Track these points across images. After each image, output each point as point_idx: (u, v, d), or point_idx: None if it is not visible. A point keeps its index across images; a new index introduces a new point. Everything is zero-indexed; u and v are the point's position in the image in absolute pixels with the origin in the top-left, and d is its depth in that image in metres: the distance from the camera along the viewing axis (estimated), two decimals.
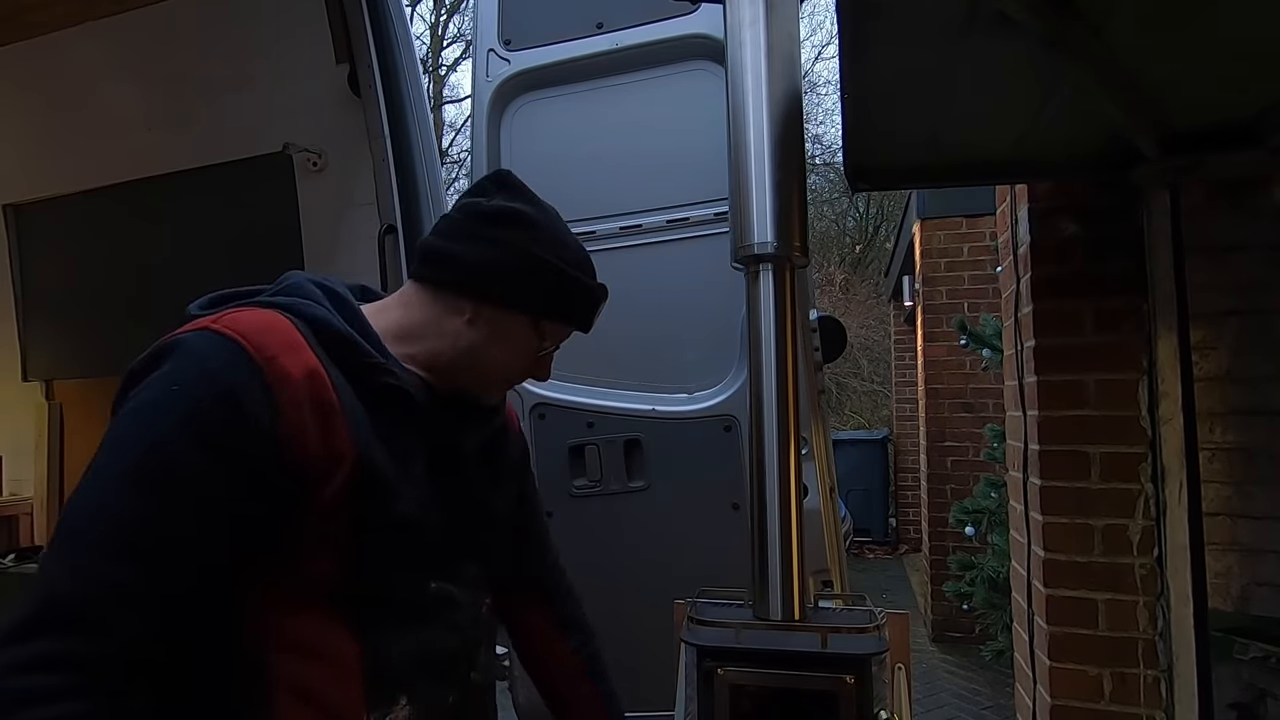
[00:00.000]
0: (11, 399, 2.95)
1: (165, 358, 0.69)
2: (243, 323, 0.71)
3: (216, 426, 0.66)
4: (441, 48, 13.59)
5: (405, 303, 0.86)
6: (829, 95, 14.11)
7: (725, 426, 1.94)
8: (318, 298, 0.78)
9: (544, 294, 0.85)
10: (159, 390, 0.67)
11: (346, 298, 0.81)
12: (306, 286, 0.80)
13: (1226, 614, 1.67)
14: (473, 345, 0.84)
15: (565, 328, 0.90)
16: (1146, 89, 1.31)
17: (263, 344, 0.69)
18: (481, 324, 0.84)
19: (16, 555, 2.77)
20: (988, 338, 3.72)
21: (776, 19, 1.32)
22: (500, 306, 0.84)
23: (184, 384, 0.66)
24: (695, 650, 1.14)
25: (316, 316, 0.75)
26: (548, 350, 0.90)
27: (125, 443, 0.65)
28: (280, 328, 0.72)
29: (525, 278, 0.84)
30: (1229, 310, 1.71)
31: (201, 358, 0.68)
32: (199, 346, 0.68)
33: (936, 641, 4.72)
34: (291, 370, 0.70)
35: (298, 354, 0.71)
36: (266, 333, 0.71)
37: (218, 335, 0.69)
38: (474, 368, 0.85)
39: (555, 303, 0.87)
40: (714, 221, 1.96)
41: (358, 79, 2.13)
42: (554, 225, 0.88)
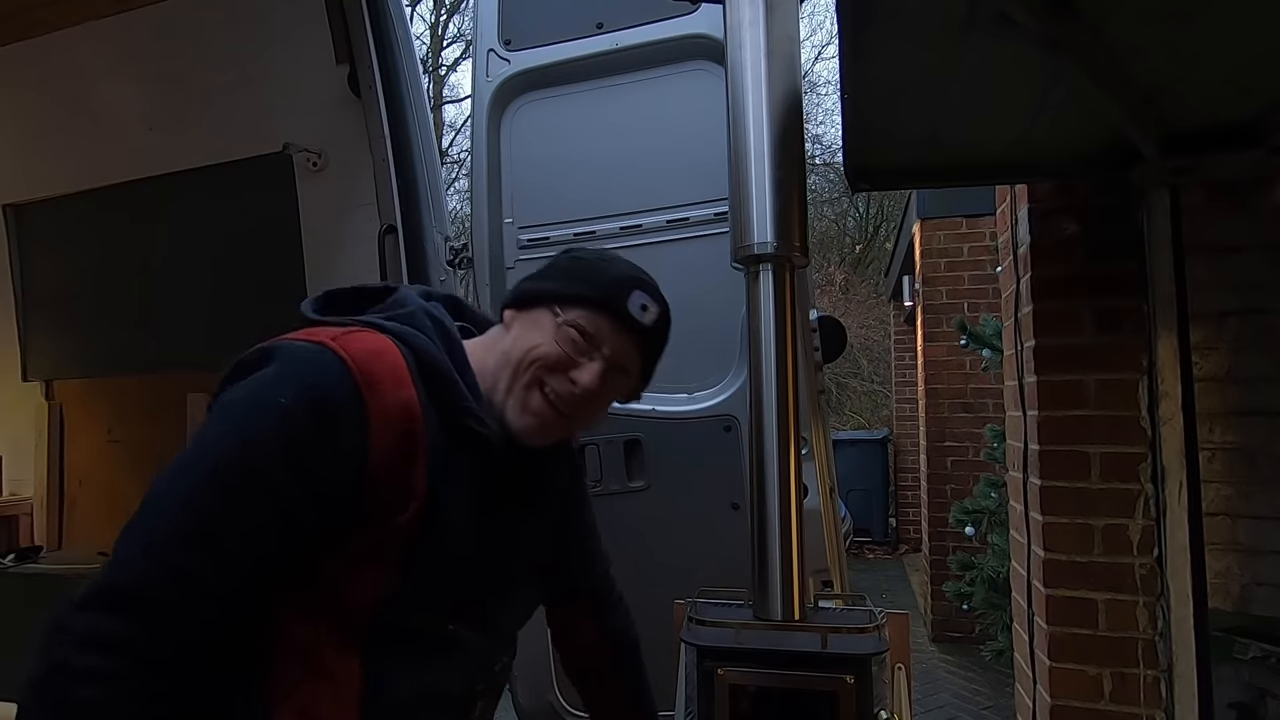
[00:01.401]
0: (11, 399, 2.95)
1: (275, 360, 0.71)
2: (356, 346, 0.73)
3: (308, 443, 0.68)
4: (441, 48, 13.59)
5: (484, 343, 0.90)
6: (829, 95, 14.12)
7: (725, 426, 1.94)
8: (428, 330, 0.81)
9: (562, 279, 0.87)
10: (263, 393, 0.69)
11: (454, 335, 0.84)
12: (419, 316, 0.82)
13: (1226, 614, 1.67)
14: (506, 348, 0.85)
15: (590, 314, 0.85)
16: (1146, 89, 1.31)
17: (371, 375, 0.72)
18: (515, 326, 0.87)
19: (16, 555, 2.77)
20: (988, 338, 3.72)
21: (776, 19, 1.32)
22: (529, 305, 0.87)
23: (288, 394, 0.69)
24: (695, 650, 1.14)
25: (424, 350, 0.78)
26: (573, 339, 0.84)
27: (219, 438, 0.68)
28: (390, 358, 0.75)
29: (549, 273, 0.89)
30: (1229, 310, 1.71)
31: (310, 372, 0.70)
32: (311, 360, 0.71)
33: (936, 641, 4.72)
34: (391, 403, 0.72)
35: (400, 389, 0.74)
36: (376, 362, 0.73)
37: (330, 353, 0.71)
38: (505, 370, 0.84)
39: (572, 282, 0.87)
40: (714, 221, 1.96)
41: (358, 79, 2.13)
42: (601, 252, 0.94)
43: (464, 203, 11.75)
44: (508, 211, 2.20)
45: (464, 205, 11.54)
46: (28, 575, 2.67)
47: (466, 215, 2.81)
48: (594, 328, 0.85)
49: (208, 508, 0.65)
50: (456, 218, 9.02)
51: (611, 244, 2.06)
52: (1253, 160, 1.48)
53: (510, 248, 2.19)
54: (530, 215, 2.18)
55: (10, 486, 2.99)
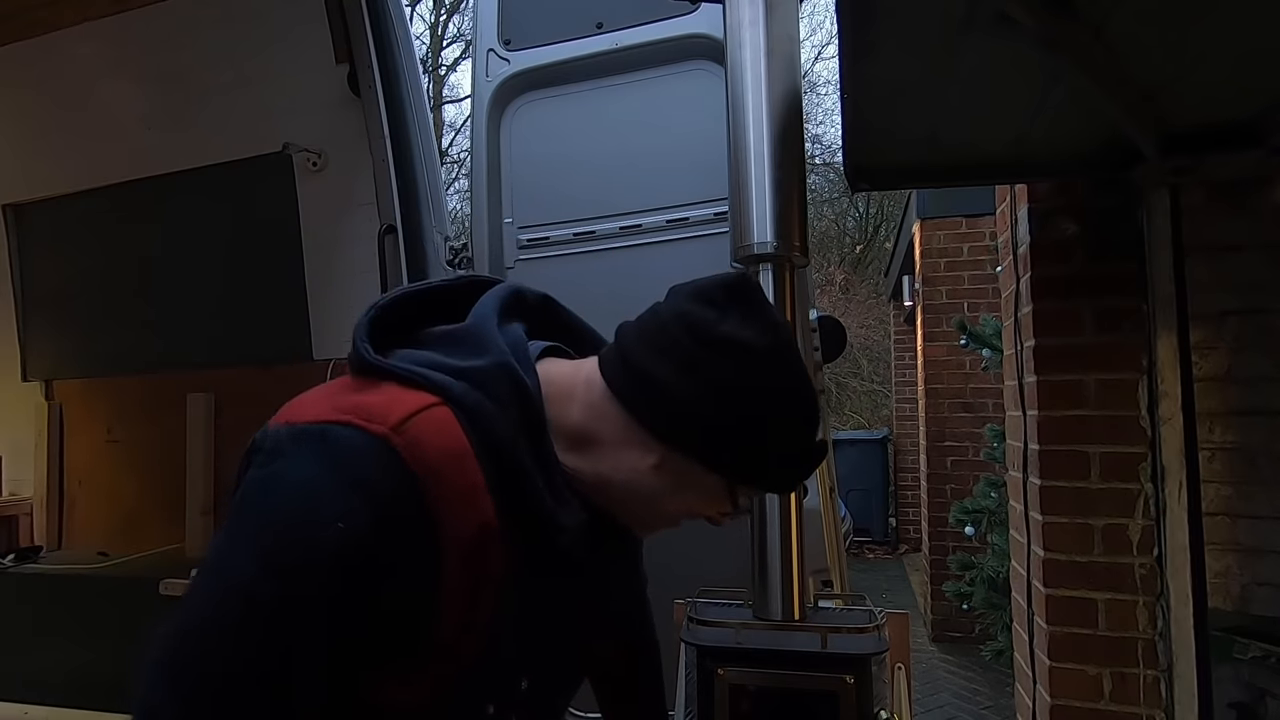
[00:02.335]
0: (11, 399, 2.95)
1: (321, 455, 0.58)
2: (429, 443, 0.60)
3: (373, 584, 0.57)
4: (441, 48, 13.59)
5: (590, 405, 0.70)
6: (829, 95, 14.11)
7: None
8: (506, 404, 0.65)
9: (752, 459, 0.69)
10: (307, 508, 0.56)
11: (536, 407, 0.67)
12: (500, 383, 0.65)
13: (1226, 614, 1.67)
14: (651, 492, 0.70)
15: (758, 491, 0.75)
16: (1146, 89, 1.31)
17: (446, 487, 0.60)
18: (668, 473, 0.69)
19: (16, 555, 2.77)
20: (988, 338, 3.72)
21: (776, 19, 1.32)
22: (695, 461, 0.68)
23: (344, 515, 0.56)
24: (695, 650, 1.14)
25: (502, 443, 0.64)
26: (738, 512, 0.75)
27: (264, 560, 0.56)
28: (463, 456, 0.62)
29: (734, 437, 0.67)
30: (1229, 310, 1.71)
31: (377, 491, 0.57)
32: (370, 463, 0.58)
33: (936, 641, 4.72)
34: (465, 527, 0.61)
35: (475, 503, 0.62)
36: (451, 467, 0.60)
37: (395, 456, 0.58)
38: (644, 513, 0.73)
39: (762, 471, 0.71)
40: (714, 221, 1.96)
41: (358, 79, 2.13)
42: (787, 364, 0.69)
43: (464, 203, 11.74)
44: (508, 211, 2.20)
45: (464, 205, 11.54)
46: (28, 575, 2.67)
47: (466, 215, 2.82)
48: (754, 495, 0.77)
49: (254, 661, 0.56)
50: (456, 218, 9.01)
51: (611, 244, 2.06)
52: (1253, 160, 1.48)
53: (510, 247, 2.19)
54: (530, 215, 2.18)
55: (10, 486, 2.99)
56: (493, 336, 0.68)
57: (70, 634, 2.49)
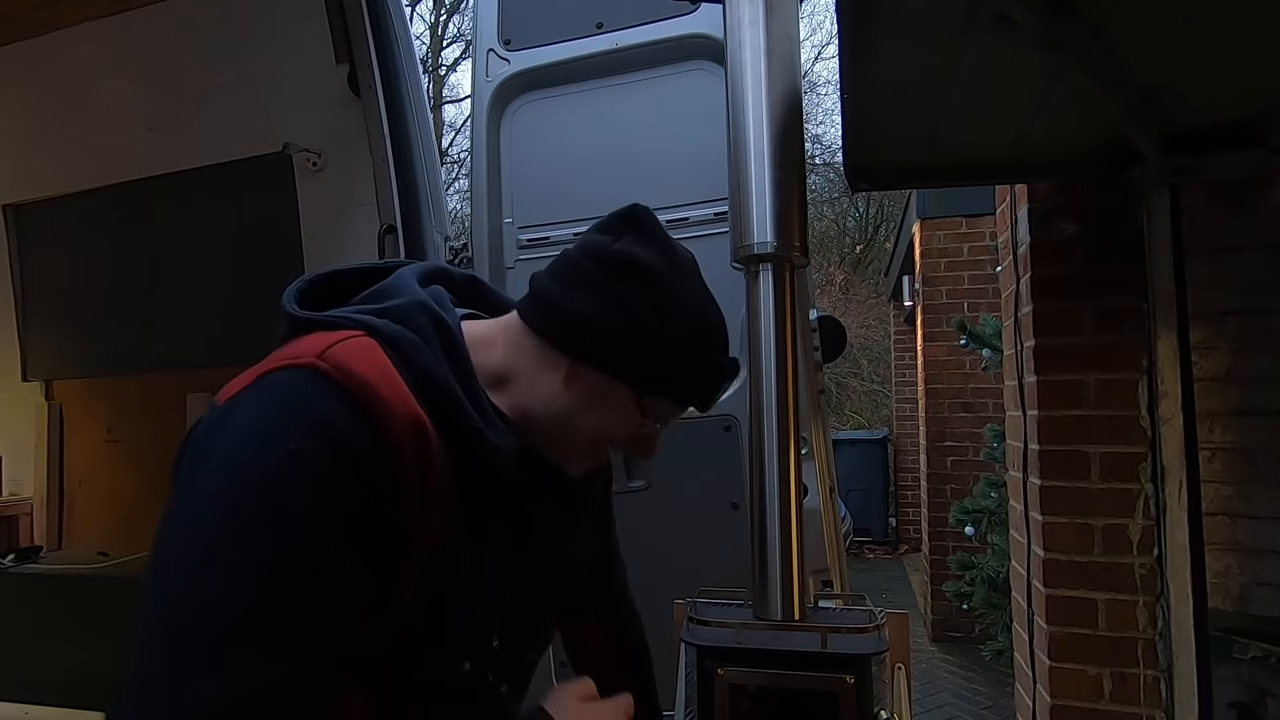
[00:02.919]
0: (11, 399, 2.94)
1: (258, 399, 0.60)
2: (354, 361, 0.61)
3: (343, 492, 0.57)
4: (441, 48, 13.59)
5: (509, 342, 0.75)
6: (829, 95, 14.11)
7: (725, 426, 1.94)
8: (427, 334, 0.68)
9: (655, 366, 0.72)
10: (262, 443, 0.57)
11: (455, 337, 0.70)
12: (416, 314, 0.68)
13: (1226, 614, 1.67)
14: (565, 410, 0.73)
15: (678, 406, 0.77)
16: (1146, 89, 1.31)
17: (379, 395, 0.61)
18: (578, 387, 0.72)
19: (16, 555, 2.77)
20: (988, 338, 3.73)
21: (776, 19, 1.32)
22: (601, 371, 0.72)
23: (293, 438, 0.57)
24: (695, 650, 1.14)
25: (422, 365, 0.65)
26: (651, 428, 0.77)
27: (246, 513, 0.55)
28: (388, 373, 0.63)
29: (634, 344, 0.71)
30: (1229, 310, 1.71)
31: (310, 403, 0.59)
32: (304, 387, 0.59)
33: (936, 641, 4.72)
34: (401, 427, 0.61)
35: (407, 408, 0.62)
36: (381, 378, 0.62)
37: (324, 377, 0.60)
38: (563, 435, 0.74)
39: (667, 378, 0.74)
40: (714, 221, 1.96)
41: (358, 79, 2.13)
42: (683, 280, 0.75)
43: (464, 203, 11.74)
44: (508, 211, 2.20)
45: (464, 205, 11.54)
46: (28, 575, 2.67)
47: (466, 215, 2.81)
48: (676, 413, 0.78)
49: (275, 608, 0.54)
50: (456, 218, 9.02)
51: None
52: (1253, 160, 1.48)
53: (510, 247, 2.19)
54: (530, 215, 2.18)
55: (10, 486, 2.99)
56: (410, 284, 0.72)
57: (70, 634, 2.48)
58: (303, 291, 0.73)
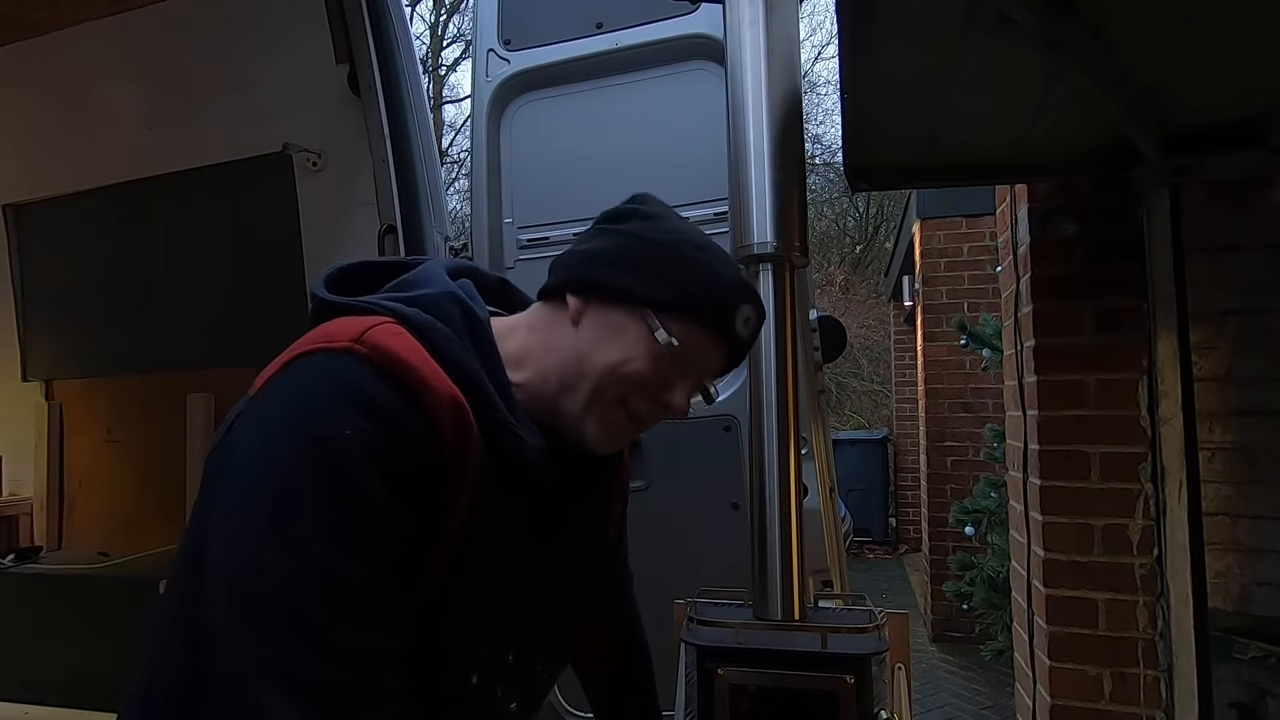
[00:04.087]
0: (11, 399, 2.94)
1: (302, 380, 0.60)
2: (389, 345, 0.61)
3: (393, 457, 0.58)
4: (441, 48, 13.59)
5: (529, 325, 0.75)
6: (829, 95, 14.12)
7: (725, 426, 1.94)
8: (455, 324, 0.67)
9: (658, 277, 0.70)
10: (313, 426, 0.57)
11: (483, 328, 0.69)
12: (445, 304, 0.68)
13: (1226, 614, 1.67)
14: (579, 352, 0.70)
15: (693, 327, 0.71)
16: (1146, 88, 1.31)
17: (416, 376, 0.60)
18: (589, 323, 0.70)
19: (16, 555, 2.77)
20: (988, 338, 3.72)
21: (776, 19, 1.32)
22: (608, 298, 0.70)
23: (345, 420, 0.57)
24: (695, 650, 1.14)
25: (451, 356, 0.64)
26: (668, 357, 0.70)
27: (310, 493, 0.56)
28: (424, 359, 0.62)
29: (635, 260, 0.70)
30: (1229, 310, 1.71)
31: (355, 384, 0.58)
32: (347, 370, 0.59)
33: (936, 641, 4.72)
34: (441, 406, 0.61)
35: (443, 386, 0.62)
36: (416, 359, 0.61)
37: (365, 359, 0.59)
38: (580, 385, 0.70)
39: (676, 287, 0.70)
40: (714, 221, 1.96)
41: (358, 79, 2.12)
42: (681, 220, 0.76)
43: (464, 203, 11.74)
44: (508, 211, 2.20)
45: (464, 205, 11.54)
46: (28, 575, 2.67)
47: (466, 215, 2.81)
48: (694, 344, 0.71)
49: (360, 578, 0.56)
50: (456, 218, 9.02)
51: None
52: (1253, 160, 1.48)
53: (510, 248, 2.19)
54: (530, 215, 2.17)
55: (10, 486, 2.99)
56: (440, 275, 0.72)
57: (70, 634, 2.48)
58: (333, 278, 0.73)
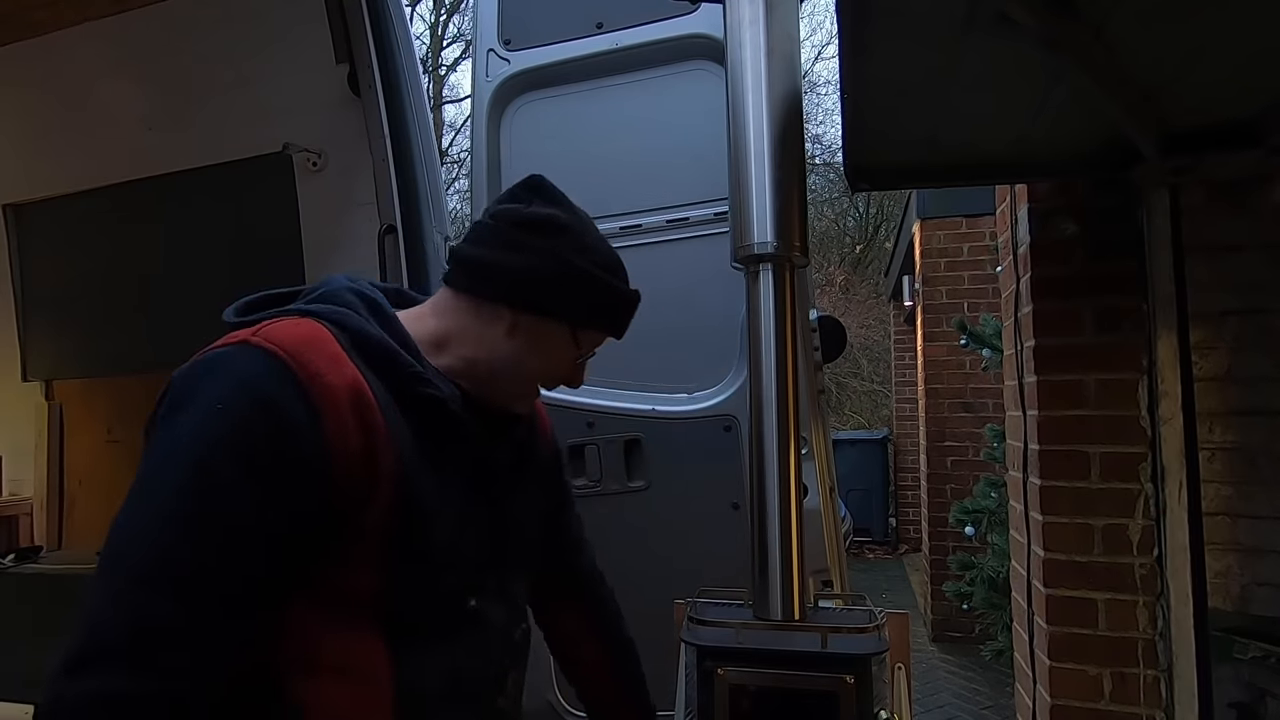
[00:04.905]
0: (11, 399, 2.95)
1: (205, 373, 0.66)
2: (283, 335, 0.68)
3: (261, 448, 0.63)
4: (441, 48, 13.59)
5: (441, 310, 0.85)
6: (829, 95, 14.12)
7: (725, 426, 1.94)
8: (355, 306, 0.77)
9: (582, 302, 0.84)
10: (200, 408, 0.64)
11: (383, 305, 0.80)
12: (343, 294, 0.78)
13: (1226, 614, 1.67)
14: (513, 355, 0.83)
15: (601, 335, 0.90)
16: (1146, 88, 1.31)
17: (305, 359, 0.67)
18: (521, 334, 0.83)
19: (16, 555, 2.77)
20: (988, 338, 3.72)
21: (776, 19, 1.32)
22: (540, 315, 0.83)
23: (226, 402, 0.63)
24: (695, 650, 1.14)
25: (355, 327, 0.74)
26: (584, 357, 0.91)
27: (167, 466, 0.62)
28: (321, 339, 0.70)
29: (564, 286, 0.83)
30: (1229, 310, 1.71)
31: (243, 374, 0.65)
32: (240, 362, 0.66)
33: (936, 641, 4.72)
34: (335, 385, 0.67)
35: (340, 368, 0.69)
36: (308, 346, 0.68)
37: (258, 349, 0.66)
38: (513, 377, 0.85)
39: (593, 311, 0.86)
40: (714, 221, 1.96)
41: (358, 79, 2.13)
42: (587, 230, 0.88)
43: (464, 203, 11.75)
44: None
45: (464, 205, 11.55)
46: (28, 575, 2.67)
47: (466, 215, 2.81)
48: (599, 342, 0.90)
49: (175, 546, 0.60)
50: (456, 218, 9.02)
51: (612, 244, 2.05)
52: (1253, 160, 1.48)
53: None
54: None
55: (10, 486, 2.99)
56: (336, 279, 0.82)
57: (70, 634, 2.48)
58: (239, 309, 0.82)
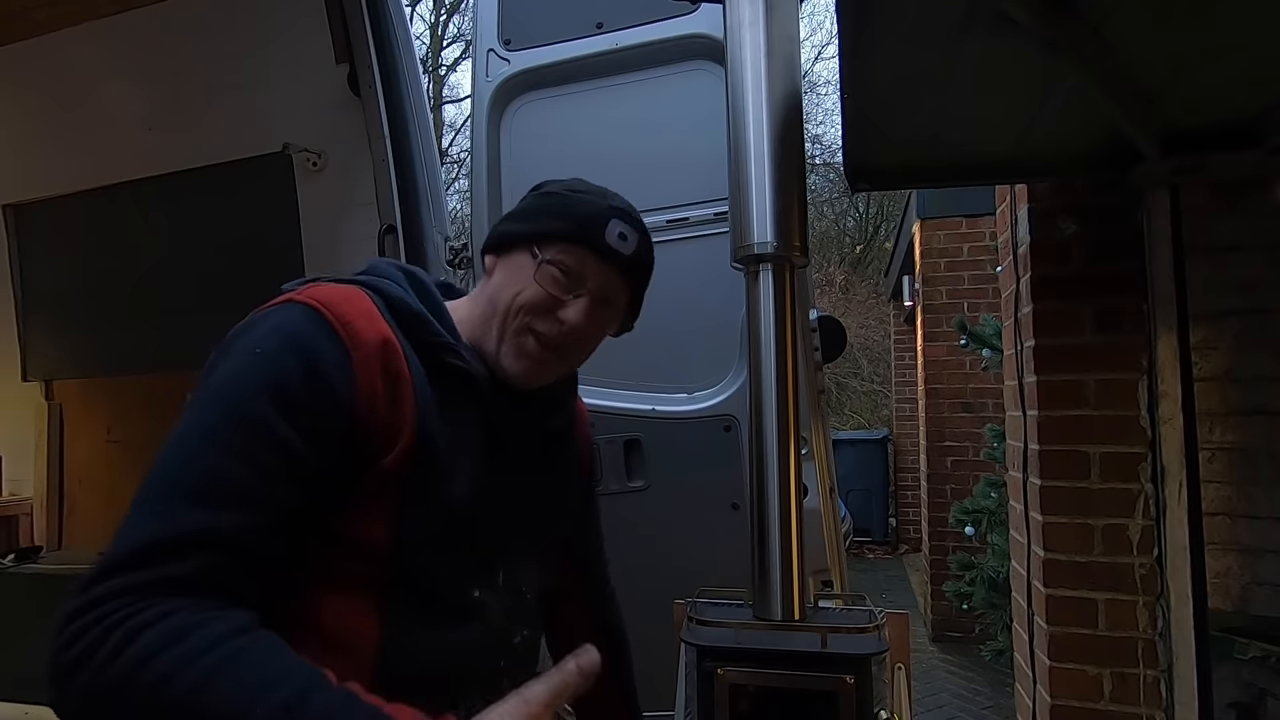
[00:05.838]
0: (11, 399, 2.94)
1: (249, 327, 0.73)
2: (322, 292, 0.74)
3: (294, 385, 0.68)
4: (441, 48, 13.59)
5: (473, 297, 0.90)
6: (829, 95, 14.13)
7: (725, 426, 1.94)
8: (398, 279, 0.82)
9: (537, 217, 0.87)
10: (243, 353, 0.70)
11: (426, 283, 0.84)
12: (388, 269, 0.83)
13: (1226, 614, 1.67)
14: (492, 294, 0.85)
15: (568, 247, 0.84)
16: (1146, 89, 1.31)
17: (340, 310, 0.72)
18: (497, 271, 0.87)
19: (16, 555, 2.77)
20: (988, 338, 3.72)
21: (776, 19, 1.32)
22: (507, 248, 0.87)
23: (266, 347, 0.69)
24: (695, 650, 1.14)
25: (392, 294, 0.78)
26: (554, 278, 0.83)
27: (209, 401, 0.68)
28: (357, 298, 0.75)
29: (524, 211, 0.89)
30: (1229, 310, 1.71)
31: (283, 323, 0.71)
32: (279, 314, 0.73)
33: (936, 641, 4.72)
34: (366, 336, 0.72)
35: (372, 323, 0.74)
36: (344, 302, 0.74)
37: (299, 304, 0.73)
38: (493, 317, 0.84)
39: (549, 217, 0.86)
40: (714, 221, 1.96)
41: (358, 79, 2.12)
42: (584, 184, 0.92)
43: (464, 203, 11.74)
44: (508, 211, 2.20)
45: (464, 205, 11.54)
46: (28, 575, 2.67)
47: (466, 215, 2.81)
48: (575, 263, 0.84)
49: (211, 466, 0.64)
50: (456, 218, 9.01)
51: None
52: (1253, 160, 1.48)
53: None
54: None
55: (10, 486, 2.99)
56: (388, 265, 0.85)
57: None
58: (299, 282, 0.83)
